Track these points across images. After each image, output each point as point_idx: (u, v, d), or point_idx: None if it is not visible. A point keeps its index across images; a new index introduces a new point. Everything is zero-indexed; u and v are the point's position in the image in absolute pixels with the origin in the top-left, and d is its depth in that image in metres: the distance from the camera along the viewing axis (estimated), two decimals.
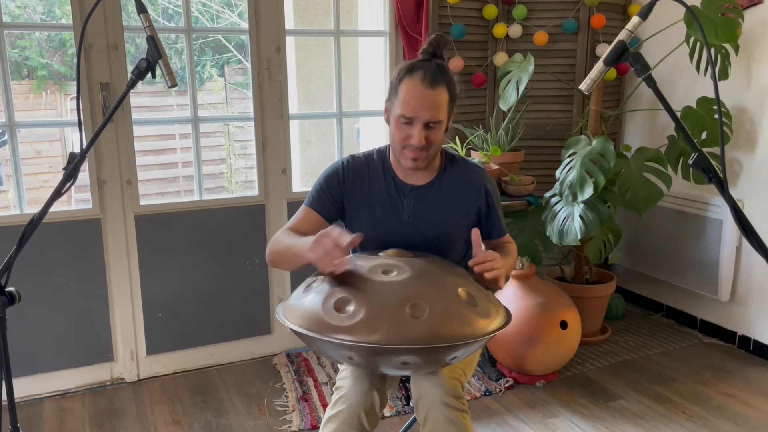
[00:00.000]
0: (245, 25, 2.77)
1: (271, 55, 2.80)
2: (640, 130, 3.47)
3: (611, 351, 3.04)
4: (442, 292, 1.40)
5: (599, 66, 1.34)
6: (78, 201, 5.31)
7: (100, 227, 2.64)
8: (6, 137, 2.57)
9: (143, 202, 2.71)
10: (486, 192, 1.73)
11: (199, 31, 3.99)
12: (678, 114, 2.51)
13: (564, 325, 2.65)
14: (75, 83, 2.00)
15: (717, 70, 2.76)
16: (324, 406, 2.54)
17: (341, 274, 1.44)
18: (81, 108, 2.05)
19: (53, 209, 1.45)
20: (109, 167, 2.63)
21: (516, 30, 3.16)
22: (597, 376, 2.80)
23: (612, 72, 3.23)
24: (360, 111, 3.73)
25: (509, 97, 2.94)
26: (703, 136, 2.81)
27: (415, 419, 1.63)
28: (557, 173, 2.83)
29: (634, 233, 3.42)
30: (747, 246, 2.95)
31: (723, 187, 1.25)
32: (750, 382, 2.72)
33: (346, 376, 1.61)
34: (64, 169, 1.36)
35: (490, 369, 2.82)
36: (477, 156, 2.95)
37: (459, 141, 2.90)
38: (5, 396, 1.34)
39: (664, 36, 3.02)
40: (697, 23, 1.24)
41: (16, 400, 1.36)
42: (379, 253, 1.56)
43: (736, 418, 2.45)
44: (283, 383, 2.75)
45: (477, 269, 1.49)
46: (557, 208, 2.83)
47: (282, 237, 1.67)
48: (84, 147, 1.38)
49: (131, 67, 2.01)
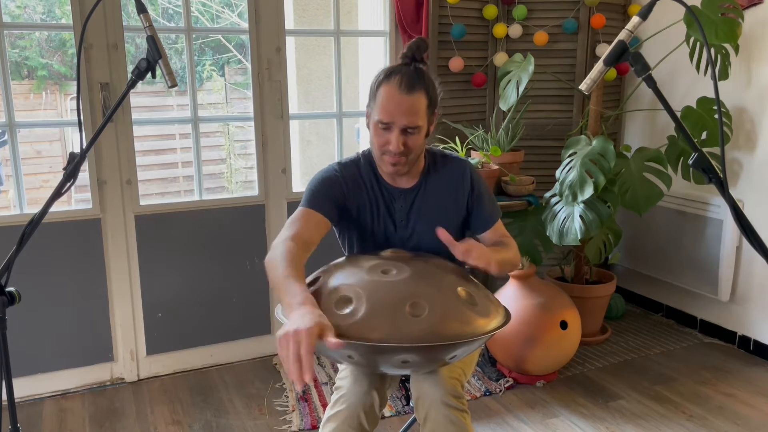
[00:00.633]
0: (245, 25, 2.78)
1: (271, 55, 2.80)
2: (640, 130, 3.47)
3: (611, 351, 3.04)
4: (441, 291, 1.40)
5: (599, 66, 1.34)
6: (78, 201, 5.31)
7: (100, 227, 2.64)
8: (6, 137, 2.57)
9: (143, 202, 2.71)
10: (471, 182, 1.71)
11: (199, 31, 3.99)
12: (678, 114, 2.52)
13: (564, 325, 2.65)
14: (75, 83, 2.00)
15: (717, 70, 2.76)
16: (324, 406, 2.54)
17: (341, 272, 1.44)
18: (81, 108, 2.05)
19: (53, 209, 1.45)
20: (109, 167, 2.63)
21: (516, 30, 3.16)
22: (597, 376, 2.80)
23: (612, 72, 3.23)
24: (360, 111, 3.72)
25: (509, 97, 2.94)
26: (703, 136, 2.82)
27: (415, 419, 1.63)
28: (557, 173, 2.83)
29: (634, 233, 3.42)
30: (747, 246, 2.95)
31: (723, 187, 1.25)
32: (750, 382, 2.72)
33: (345, 375, 1.60)
34: (64, 169, 1.36)
35: (490, 369, 2.82)
36: (477, 156, 2.95)
37: (459, 141, 2.90)
38: (5, 396, 1.34)
39: (664, 36, 3.02)
40: (697, 23, 1.24)
41: (16, 400, 1.36)
42: (379, 253, 1.57)
43: (736, 418, 2.45)
44: (283, 383, 2.75)
45: (461, 258, 1.50)
46: (557, 208, 2.83)
47: (281, 256, 1.45)
48: (84, 147, 1.38)
49: (131, 67, 2.01)
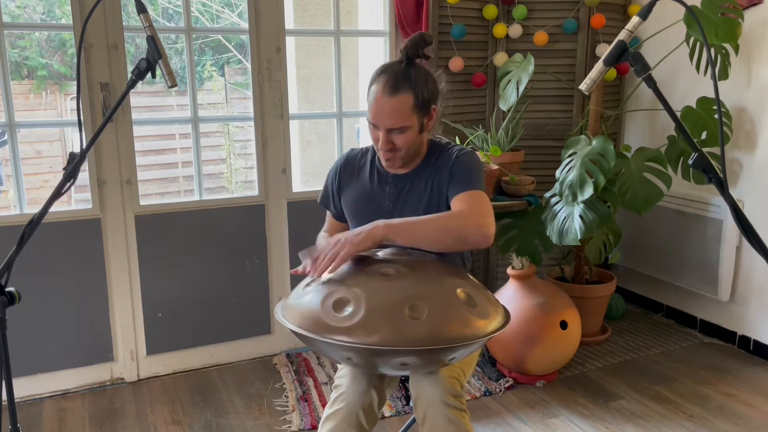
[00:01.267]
0: (245, 25, 2.78)
1: (271, 55, 2.80)
2: (640, 130, 3.47)
3: (611, 351, 3.04)
4: (441, 293, 1.40)
5: (599, 66, 1.34)
6: (78, 201, 5.31)
7: (100, 227, 2.64)
8: (6, 137, 2.57)
9: (143, 202, 2.71)
10: (452, 165, 1.68)
11: (199, 31, 3.99)
12: (678, 114, 2.51)
13: (564, 325, 2.65)
14: (75, 83, 2.00)
15: (717, 70, 2.76)
16: (324, 406, 2.54)
17: (341, 274, 1.45)
18: (81, 108, 2.05)
19: (53, 209, 1.45)
20: (109, 167, 2.63)
21: (516, 30, 3.16)
22: (597, 376, 2.80)
23: (612, 72, 3.23)
24: (360, 111, 3.72)
25: (509, 97, 2.94)
26: (703, 136, 2.81)
27: (415, 419, 1.63)
28: (557, 173, 2.83)
29: (634, 233, 3.41)
30: (747, 246, 2.95)
31: (723, 187, 1.25)
32: (750, 382, 2.72)
33: (344, 374, 1.61)
34: (64, 169, 1.36)
35: (490, 369, 2.82)
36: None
37: (459, 141, 2.90)
38: (5, 396, 1.34)
39: (664, 36, 3.02)
40: (697, 23, 1.24)
41: (16, 400, 1.36)
42: (378, 253, 1.56)
43: (736, 418, 2.45)
44: (283, 383, 2.75)
45: (315, 275, 1.47)
46: (557, 208, 2.83)
47: (322, 238, 1.84)
48: (84, 147, 1.38)
49: (131, 67, 2.01)
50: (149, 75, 1.40)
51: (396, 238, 1.50)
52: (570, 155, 2.84)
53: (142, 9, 1.40)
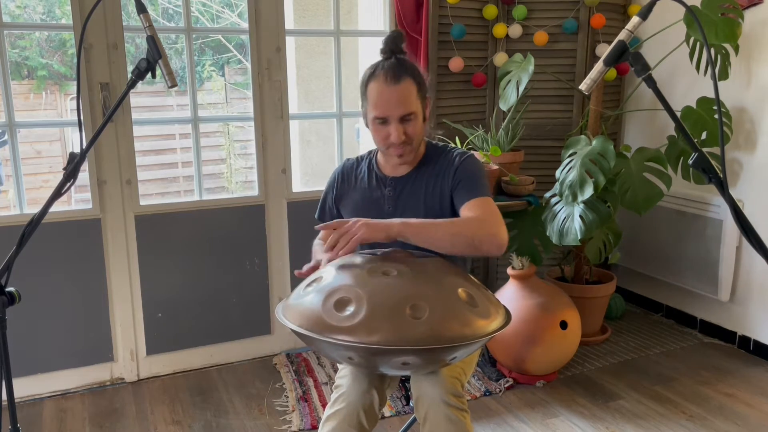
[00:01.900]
0: (245, 25, 2.78)
1: (271, 55, 2.80)
2: (640, 130, 3.47)
3: (611, 351, 3.04)
4: (441, 292, 1.40)
5: (599, 66, 1.34)
6: (78, 201, 5.32)
7: (100, 227, 2.64)
8: (6, 137, 2.57)
9: (143, 202, 2.71)
10: (455, 169, 1.68)
11: (199, 31, 3.99)
12: (678, 114, 2.51)
13: (564, 325, 2.65)
14: (75, 83, 2.00)
15: (717, 70, 2.76)
16: (324, 406, 2.54)
17: (342, 273, 1.44)
18: (81, 108, 2.06)
19: (53, 209, 1.45)
20: (109, 167, 2.63)
21: (516, 30, 3.16)
22: (597, 376, 2.80)
23: (612, 72, 3.23)
24: (360, 111, 3.73)
25: (509, 97, 2.94)
26: (703, 136, 2.81)
27: (415, 419, 1.63)
28: (557, 173, 2.83)
29: (634, 233, 3.41)
30: (747, 246, 2.95)
31: (723, 187, 1.25)
32: (750, 382, 2.72)
33: (345, 374, 1.61)
34: (64, 169, 1.36)
35: (490, 369, 2.82)
36: (477, 156, 2.95)
37: (459, 141, 2.90)
38: (5, 396, 1.34)
39: (664, 36, 3.02)
40: (697, 23, 1.24)
41: (16, 400, 1.36)
42: (379, 253, 1.56)
43: (736, 418, 2.45)
44: (283, 383, 2.75)
45: (326, 258, 1.51)
46: (557, 208, 2.83)
47: (317, 244, 1.83)
48: (84, 147, 1.38)
49: (131, 67, 2.01)
50: (149, 75, 1.41)
51: (411, 236, 1.52)
52: (570, 155, 2.84)
53: (142, 9, 1.40)
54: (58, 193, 1.35)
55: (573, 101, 3.29)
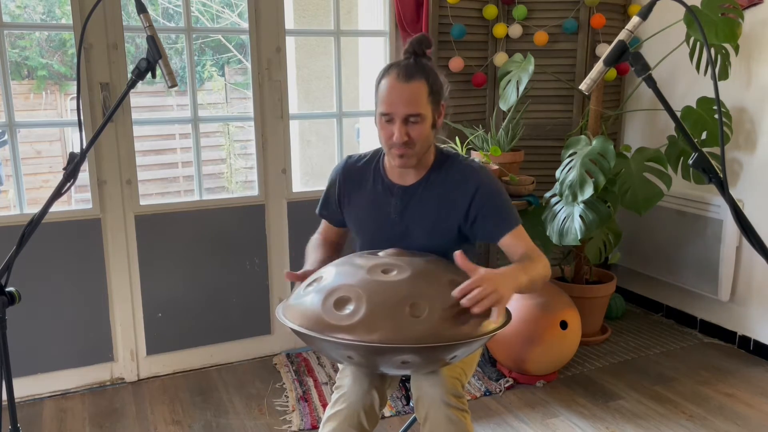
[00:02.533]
0: (245, 25, 2.78)
1: (271, 55, 2.80)
2: (640, 130, 3.47)
3: (611, 351, 3.04)
4: (441, 291, 1.40)
5: (599, 66, 1.34)
6: (78, 201, 5.32)
7: (100, 227, 2.64)
8: (6, 137, 2.57)
9: (143, 202, 2.71)
10: (476, 192, 1.64)
11: (199, 31, 3.99)
12: (678, 114, 2.51)
13: (564, 325, 2.65)
14: (75, 83, 2.00)
15: (717, 70, 2.76)
16: (324, 406, 2.54)
17: (342, 272, 1.44)
18: (81, 108, 2.05)
19: (53, 209, 1.45)
20: (109, 167, 2.63)
21: (516, 30, 3.16)
22: (597, 376, 2.80)
23: (612, 72, 3.23)
24: (360, 111, 3.73)
25: (509, 97, 2.94)
26: (703, 136, 2.81)
27: (415, 419, 1.63)
28: (557, 173, 2.83)
29: (634, 233, 3.41)
30: (747, 246, 2.95)
31: (723, 187, 1.25)
32: (750, 382, 2.72)
33: (346, 375, 1.61)
34: (64, 169, 1.36)
35: (490, 369, 2.82)
36: (477, 156, 2.95)
37: (459, 141, 2.90)
38: (5, 396, 1.34)
39: (664, 36, 3.02)
40: (697, 23, 1.24)
41: (16, 400, 1.36)
42: (379, 253, 1.57)
43: (736, 418, 2.45)
44: (283, 383, 2.75)
45: (464, 303, 1.36)
46: (557, 208, 2.83)
47: (310, 246, 1.84)
48: (84, 147, 1.38)
49: (131, 67, 2.01)
50: (149, 75, 1.41)
51: (525, 290, 1.55)
52: (570, 155, 2.84)
53: (142, 9, 1.40)
54: (58, 193, 1.35)
55: (573, 101, 3.29)
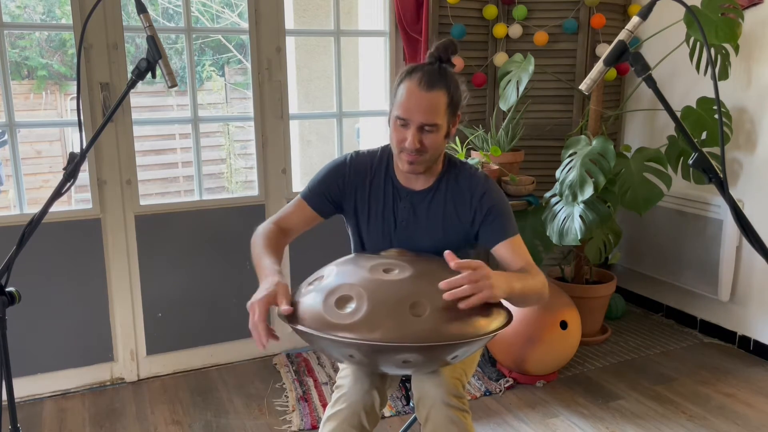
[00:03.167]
0: (245, 25, 2.78)
1: (271, 55, 2.80)
2: (640, 130, 3.47)
3: (611, 351, 3.04)
4: (443, 291, 1.40)
5: (599, 66, 1.34)
6: (78, 201, 5.31)
7: (100, 227, 2.64)
8: (6, 137, 2.57)
9: (143, 202, 2.71)
10: (482, 201, 1.65)
11: (199, 31, 3.99)
12: (678, 114, 2.51)
13: (564, 325, 2.65)
14: (75, 83, 2.00)
15: (717, 70, 2.76)
16: (324, 406, 2.54)
17: (343, 271, 1.44)
18: (81, 108, 2.05)
19: (53, 209, 1.45)
20: (109, 167, 2.63)
21: (516, 30, 3.16)
22: (597, 376, 2.80)
23: (612, 72, 3.23)
24: (360, 111, 3.73)
25: (509, 97, 2.94)
26: (703, 136, 2.82)
27: (416, 419, 1.63)
28: (557, 173, 2.83)
29: (634, 233, 3.41)
30: (747, 246, 2.95)
31: (723, 187, 1.25)
32: (750, 382, 2.72)
33: (346, 375, 1.60)
34: (64, 169, 1.36)
35: (490, 369, 2.82)
36: (477, 156, 2.95)
37: (459, 141, 2.90)
38: (5, 396, 1.34)
39: (664, 36, 3.02)
40: (697, 23, 1.24)
41: (16, 400, 1.36)
42: (381, 253, 1.57)
43: (736, 418, 2.45)
44: (283, 383, 2.75)
45: (445, 296, 1.33)
46: (557, 208, 2.83)
47: (263, 237, 1.64)
48: (84, 147, 1.38)
49: (131, 67, 2.01)
50: (149, 75, 1.40)
51: (516, 299, 1.53)
52: (570, 155, 2.84)
53: (142, 9, 1.40)
54: (58, 193, 1.35)
55: (573, 101, 3.29)
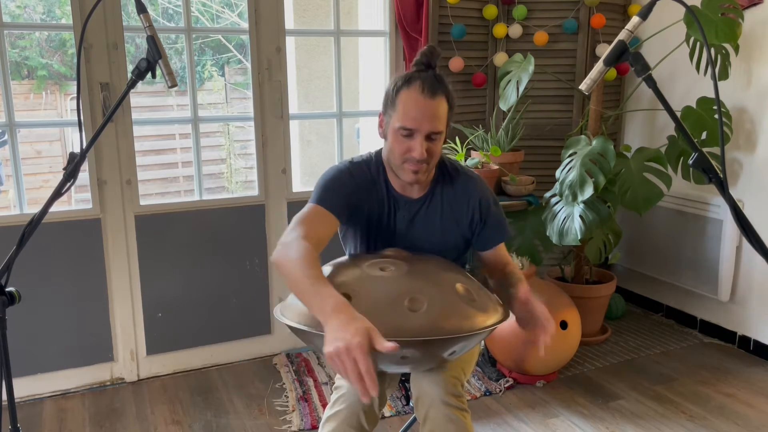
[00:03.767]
0: (245, 25, 2.78)
1: (271, 55, 2.80)
2: (640, 130, 3.47)
3: (611, 351, 3.04)
4: (439, 287, 1.40)
5: (599, 66, 1.34)
6: (78, 201, 5.32)
7: (100, 227, 2.64)
8: (6, 137, 2.57)
9: (143, 202, 2.71)
10: (479, 204, 1.66)
11: (199, 31, 3.99)
12: (678, 114, 2.51)
13: (564, 325, 2.65)
14: (75, 83, 2.00)
15: (717, 70, 2.76)
16: (324, 406, 2.54)
17: (339, 270, 1.44)
18: (81, 108, 2.05)
19: (53, 209, 1.45)
20: (109, 167, 2.63)
21: (516, 30, 3.16)
22: (597, 376, 2.80)
23: (612, 72, 3.23)
24: (360, 111, 3.73)
25: (509, 97, 2.94)
26: (703, 136, 2.82)
27: (415, 419, 1.63)
28: (557, 173, 2.83)
29: (634, 233, 3.41)
30: (747, 246, 2.95)
31: (723, 187, 1.25)
32: (750, 382, 2.72)
33: None
34: (64, 169, 1.36)
35: (490, 369, 2.82)
36: (477, 156, 2.95)
37: (459, 141, 2.90)
38: (5, 396, 1.34)
39: (664, 36, 3.02)
40: (697, 23, 1.24)
41: (16, 400, 1.36)
42: (378, 252, 1.57)
43: (736, 418, 2.45)
44: (283, 383, 2.75)
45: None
46: (557, 208, 2.83)
47: (299, 256, 1.42)
48: (84, 147, 1.38)
49: (131, 67, 2.01)
50: (149, 75, 1.41)
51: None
52: (570, 155, 2.84)
53: (142, 9, 1.40)
54: (58, 193, 1.35)
55: (573, 101, 3.29)
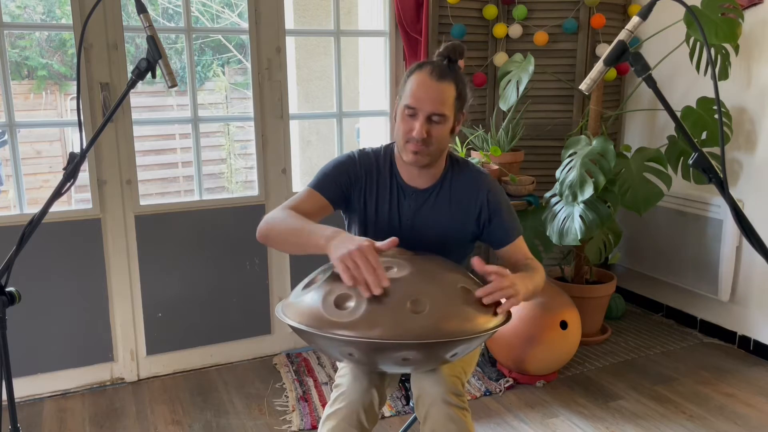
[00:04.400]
0: (245, 25, 2.78)
1: (271, 55, 2.80)
2: (640, 130, 3.47)
3: (611, 351, 3.04)
4: (442, 288, 1.40)
5: (599, 66, 1.34)
6: (78, 201, 5.31)
7: (100, 227, 2.64)
8: (6, 137, 2.57)
9: (143, 202, 2.71)
10: (487, 199, 1.68)
11: (199, 31, 3.99)
12: (678, 114, 2.51)
13: (564, 325, 2.65)
14: (75, 83, 2.00)
15: (717, 70, 2.76)
16: (324, 405, 2.54)
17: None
18: (81, 108, 2.05)
19: (53, 209, 1.45)
20: (109, 167, 2.63)
21: (516, 30, 3.16)
22: (597, 376, 2.80)
23: (612, 72, 3.23)
24: (360, 111, 3.73)
25: (509, 97, 2.94)
26: (703, 136, 2.82)
27: (416, 419, 1.63)
28: (557, 173, 2.83)
29: (634, 233, 3.41)
30: (747, 246, 2.95)
31: (723, 187, 1.25)
32: (750, 382, 2.72)
33: (345, 374, 1.61)
34: (64, 169, 1.36)
35: (490, 369, 2.82)
36: (477, 156, 2.95)
37: (459, 141, 2.90)
38: (5, 396, 1.34)
39: (664, 36, 3.02)
40: (697, 23, 1.24)
41: (16, 400, 1.36)
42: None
43: (736, 418, 2.45)
44: (283, 383, 2.75)
45: (486, 300, 1.40)
46: (557, 208, 2.83)
47: (285, 216, 1.60)
48: (84, 147, 1.38)
49: (131, 67, 2.01)
50: (149, 75, 1.40)
51: (526, 299, 1.55)
52: (570, 155, 2.84)
53: (142, 9, 1.40)
54: (58, 193, 1.35)
55: (573, 101, 3.29)
